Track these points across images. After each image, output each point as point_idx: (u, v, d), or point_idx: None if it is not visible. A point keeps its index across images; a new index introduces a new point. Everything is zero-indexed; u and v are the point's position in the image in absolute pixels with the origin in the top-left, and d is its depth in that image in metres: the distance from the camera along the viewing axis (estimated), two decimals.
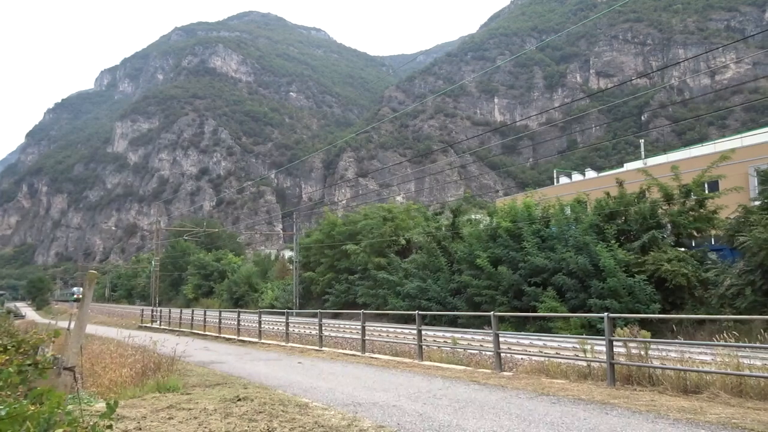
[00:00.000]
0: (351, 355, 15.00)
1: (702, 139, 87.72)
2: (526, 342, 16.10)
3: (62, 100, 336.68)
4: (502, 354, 11.62)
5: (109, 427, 3.03)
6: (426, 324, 23.99)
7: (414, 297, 29.64)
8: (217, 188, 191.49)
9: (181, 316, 30.80)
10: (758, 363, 8.68)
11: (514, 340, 16.42)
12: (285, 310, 22.45)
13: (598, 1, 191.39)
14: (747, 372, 8.00)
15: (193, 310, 32.90)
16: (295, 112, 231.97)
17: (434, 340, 16.88)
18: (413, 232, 35.38)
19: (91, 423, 3.06)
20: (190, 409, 7.51)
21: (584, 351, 10.44)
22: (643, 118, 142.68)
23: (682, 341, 9.92)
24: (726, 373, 8.12)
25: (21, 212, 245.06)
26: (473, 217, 34.02)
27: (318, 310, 19.80)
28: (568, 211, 26.40)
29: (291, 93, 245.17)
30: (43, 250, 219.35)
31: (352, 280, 38.32)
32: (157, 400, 8.40)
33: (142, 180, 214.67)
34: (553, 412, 7.31)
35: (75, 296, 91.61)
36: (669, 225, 22.97)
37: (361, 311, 16.03)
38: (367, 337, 15.42)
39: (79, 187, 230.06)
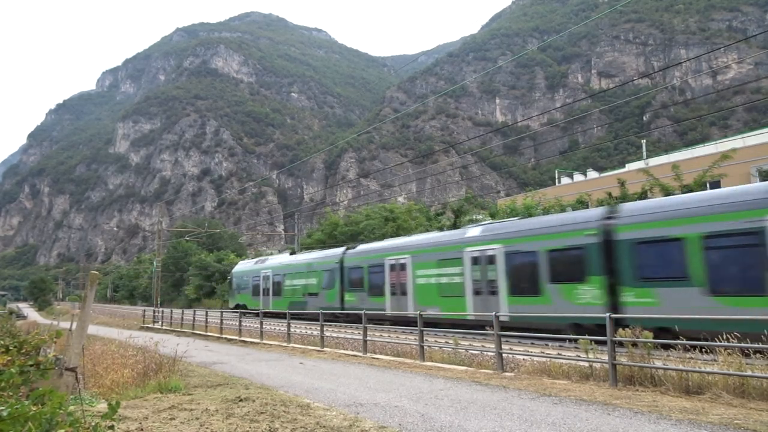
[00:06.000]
0: (352, 355, 14.98)
1: (704, 140, 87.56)
2: (528, 342, 16.05)
3: (64, 101, 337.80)
4: (503, 354, 11.61)
5: (111, 427, 3.03)
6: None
7: None
8: (219, 189, 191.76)
9: (182, 317, 30.80)
10: (761, 363, 8.65)
11: (515, 341, 16.37)
12: (286, 311, 22.45)
13: (600, 2, 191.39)
14: (749, 372, 7.98)
15: (194, 311, 32.90)
16: (297, 112, 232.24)
17: (436, 341, 16.85)
18: (415, 233, 35.37)
19: (93, 423, 3.07)
20: (191, 410, 7.52)
21: (586, 351, 10.42)
22: (644, 118, 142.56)
23: (685, 342, 9.87)
24: (728, 374, 8.10)
25: (23, 213, 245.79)
26: (475, 217, 33.97)
27: (319, 310, 19.74)
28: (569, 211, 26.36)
29: (292, 93, 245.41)
30: (45, 251, 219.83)
31: None
32: (158, 400, 8.42)
33: (143, 181, 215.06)
34: (555, 412, 7.30)
35: None
36: None
37: (362, 311, 15.99)
38: (368, 338, 15.40)
39: (80, 188, 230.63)
